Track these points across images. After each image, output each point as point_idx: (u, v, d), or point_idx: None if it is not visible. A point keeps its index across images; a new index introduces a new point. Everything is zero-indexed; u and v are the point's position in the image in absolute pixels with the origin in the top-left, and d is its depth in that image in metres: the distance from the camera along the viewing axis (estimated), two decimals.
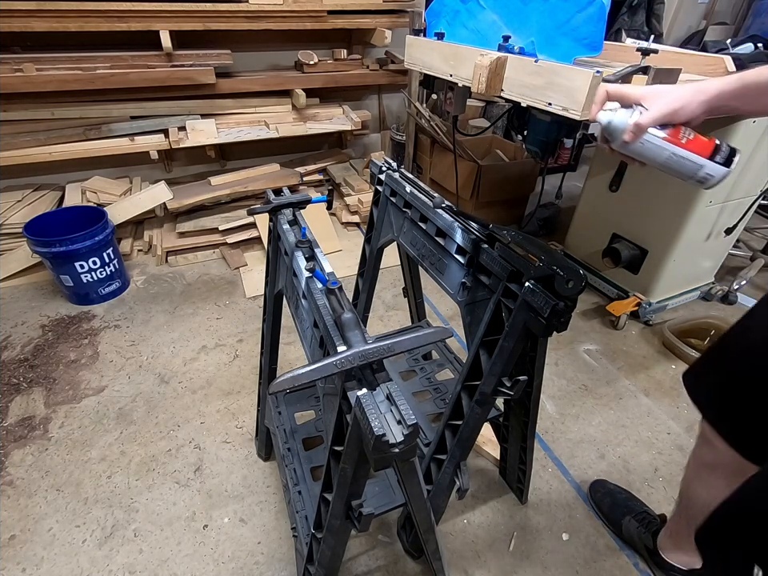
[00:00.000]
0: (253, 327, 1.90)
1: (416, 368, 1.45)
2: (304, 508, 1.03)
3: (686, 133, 0.65)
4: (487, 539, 1.21)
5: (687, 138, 0.65)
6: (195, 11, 1.98)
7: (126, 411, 1.53)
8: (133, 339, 1.83)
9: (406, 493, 0.69)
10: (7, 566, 1.13)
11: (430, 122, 2.46)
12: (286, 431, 1.20)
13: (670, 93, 0.62)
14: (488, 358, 0.80)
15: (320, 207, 2.20)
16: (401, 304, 2.01)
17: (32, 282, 2.13)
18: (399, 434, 0.49)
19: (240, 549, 1.18)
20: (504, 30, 1.42)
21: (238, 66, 2.31)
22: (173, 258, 2.29)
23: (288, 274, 0.87)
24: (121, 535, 1.20)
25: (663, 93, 0.63)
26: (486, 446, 1.41)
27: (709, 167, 0.66)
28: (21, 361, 1.70)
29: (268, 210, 0.94)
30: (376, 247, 1.19)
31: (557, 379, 1.69)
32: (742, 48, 2.05)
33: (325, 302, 0.67)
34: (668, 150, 0.66)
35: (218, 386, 1.63)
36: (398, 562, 1.16)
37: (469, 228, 0.82)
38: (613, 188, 1.92)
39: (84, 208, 2.11)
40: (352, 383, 0.55)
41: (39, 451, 1.40)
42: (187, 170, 2.70)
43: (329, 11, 2.24)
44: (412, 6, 2.42)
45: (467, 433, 0.88)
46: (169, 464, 1.38)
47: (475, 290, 0.82)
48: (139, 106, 2.17)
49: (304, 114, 2.49)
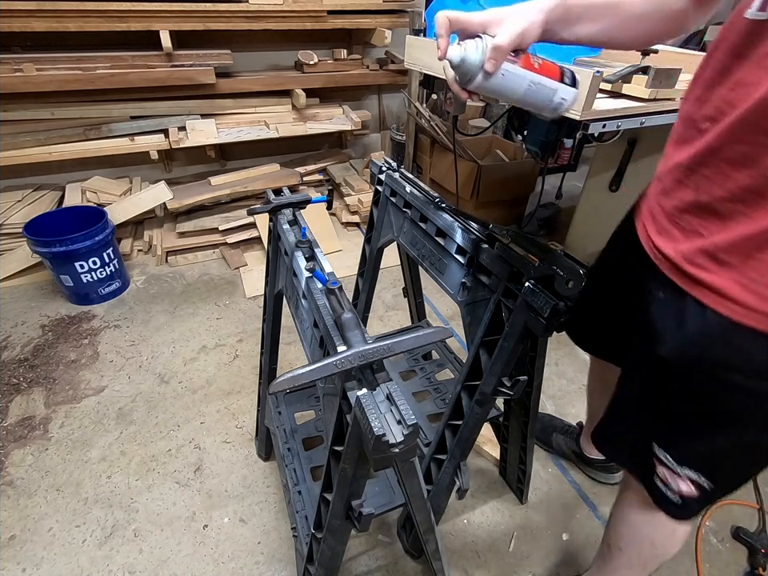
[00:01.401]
0: (253, 327, 1.90)
1: (416, 368, 1.45)
2: (304, 508, 1.03)
3: (533, 57, 0.61)
4: (487, 539, 1.21)
5: (538, 63, 0.61)
6: (195, 11, 1.98)
7: (125, 411, 1.53)
8: (133, 339, 1.83)
9: (406, 493, 0.69)
10: (7, 566, 1.13)
11: (430, 121, 2.46)
12: (286, 431, 1.20)
13: (513, 13, 0.59)
14: (488, 358, 0.80)
15: (320, 207, 2.20)
16: (401, 304, 2.01)
17: (32, 281, 2.13)
18: (399, 434, 0.49)
19: (240, 549, 1.18)
20: None
21: (237, 66, 2.31)
22: (173, 257, 2.29)
23: (288, 274, 0.87)
24: (121, 535, 1.20)
25: (507, 14, 0.59)
26: (486, 446, 1.41)
27: (562, 90, 0.62)
28: (21, 361, 1.70)
29: (268, 210, 0.94)
30: (376, 247, 1.19)
31: (557, 379, 1.69)
32: None
33: (325, 301, 0.67)
34: (527, 78, 0.60)
35: (218, 386, 1.63)
36: (398, 562, 1.16)
37: (469, 228, 0.82)
38: (613, 188, 1.92)
39: (84, 208, 2.11)
40: (352, 383, 0.55)
41: (39, 451, 1.40)
42: (187, 170, 2.70)
43: (329, 11, 2.24)
44: (412, 5, 2.42)
45: (467, 433, 0.88)
46: (169, 464, 1.38)
47: (475, 290, 0.82)
48: (139, 105, 2.17)
49: (304, 113, 2.49)
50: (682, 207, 0.60)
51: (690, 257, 0.59)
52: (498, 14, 0.59)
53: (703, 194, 0.57)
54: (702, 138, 0.56)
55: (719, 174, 0.54)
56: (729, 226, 0.54)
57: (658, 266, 0.65)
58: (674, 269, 0.61)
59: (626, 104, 1.27)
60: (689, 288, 0.59)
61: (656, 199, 0.67)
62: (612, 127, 1.25)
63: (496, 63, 0.57)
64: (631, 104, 1.27)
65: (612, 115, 1.24)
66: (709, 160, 0.55)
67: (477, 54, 0.58)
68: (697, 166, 0.57)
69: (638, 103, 1.27)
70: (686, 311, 0.60)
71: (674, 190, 0.62)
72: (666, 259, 0.63)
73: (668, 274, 0.62)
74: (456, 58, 0.59)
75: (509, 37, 0.56)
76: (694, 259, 0.58)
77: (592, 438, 0.84)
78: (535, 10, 0.59)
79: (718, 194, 0.54)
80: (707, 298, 0.57)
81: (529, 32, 0.58)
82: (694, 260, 0.58)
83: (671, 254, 0.62)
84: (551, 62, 0.62)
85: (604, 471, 1.33)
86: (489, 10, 0.60)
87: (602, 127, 1.23)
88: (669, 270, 0.62)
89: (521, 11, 0.59)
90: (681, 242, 0.60)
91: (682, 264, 0.60)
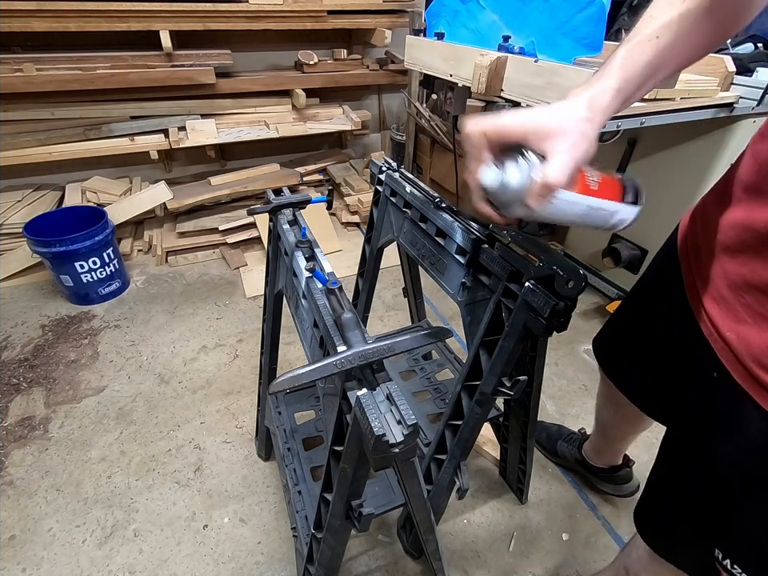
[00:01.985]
0: (253, 327, 1.90)
1: (416, 368, 1.45)
2: (304, 508, 1.03)
3: (590, 175, 0.50)
4: (487, 539, 1.21)
5: (595, 181, 0.49)
6: (195, 11, 1.98)
7: (126, 411, 1.53)
8: (133, 339, 1.83)
9: (406, 493, 0.69)
10: (7, 566, 1.13)
11: (430, 121, 2.46)
12: (286, 431, 1.20)
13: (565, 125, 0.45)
14: (488, 358, 0.80)
15: (320, 207, 2.20)
16: (401, 304, 2.01)
17: (32, 281, 2.13)
18: (399, 434, 0.49)
19: (240, 549, 1.18)
20: (504, 30, 1.42)
21: (238, 66, 2.31)
22: (173, 257, 2.29)
23: (288, 274, 0.87)
24: (121, 535, 1.20)
25: (557, 126, 0.44)
26: (486, 446, 1.41)
27: (622, 212, 0.51)
28: (21, 361, 1.70)
29: (268, 210, 0.94)
30: (376, 247, 1.19)
31: (557, 379, 1.69)
32: (741, 48, 2.05)
33: (325, 301, 0.67)
34: (582, 205, 0.49)
35: (218, 386, 1.63)
36: (398, 562, 1.15)
37: (469, 228, 0.82)
38: None
39: (84, 208, 2.11)
40: (352, 383, 0.55)
41: (39, 451, 1.40)
42: (187, 170, 2.70)
43: (329, 11, 2.24)
44: (412, 5, 2.42)
45: (467, 433, 0.88)
46: (169, 464, 1.38)
47: (475, 290, 0.82)
48: (139, 105, 2.17)
49: (304, 114, 2.48)
50: (755, 283, 0.46)
51: (762, 357, 0.46)
52: (545, 122, 0.45)
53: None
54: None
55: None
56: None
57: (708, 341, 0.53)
58: (736, 362, 0.49)
59: None
60: (754, 393, 0.47)
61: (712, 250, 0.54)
62: (612, 127, 1.25)
63: (542, 201, 0.45)
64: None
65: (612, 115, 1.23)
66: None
67: (520, 181, 0.45)
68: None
69: (638, 103, 1.27)
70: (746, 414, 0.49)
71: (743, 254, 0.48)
72: (724, 342, 0.50)
73: (725, 362, 0.51)
74: (493, 184, 0.47)
75: (564, 171, 0.43)
76: (765, 361, 0.46)
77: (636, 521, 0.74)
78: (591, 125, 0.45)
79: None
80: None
81: (588, 155, 0.45)
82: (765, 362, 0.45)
83: (733, 341, 0.49)
84: (610, 177, 0.51)
85: (609, 482, 1.27)
86: (532, 112, 0.46)
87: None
88: (727, 360, 0.50)
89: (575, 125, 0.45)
90: (747, 326, 0.48)
91: (748, 363, 0.47)
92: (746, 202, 0.48)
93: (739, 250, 0.49)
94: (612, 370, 0.94)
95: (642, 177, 1.79)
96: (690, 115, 1.36)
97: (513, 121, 0.46)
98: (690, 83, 1.33)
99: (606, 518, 1.26)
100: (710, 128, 1.50)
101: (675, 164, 1.67)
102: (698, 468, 0.61)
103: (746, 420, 0.50)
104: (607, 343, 0.95)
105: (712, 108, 1.42)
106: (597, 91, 0.47)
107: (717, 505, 0.58)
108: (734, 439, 0.52)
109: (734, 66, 1.41)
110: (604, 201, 0.50)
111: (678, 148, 1.66)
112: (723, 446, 0.54)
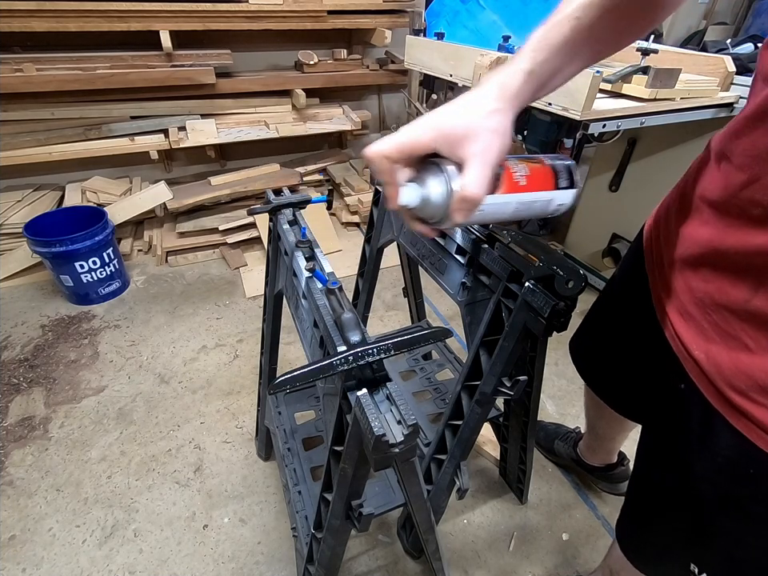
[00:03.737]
0: (253, 327, 1.90)
1: (416, 368, 1.45)
2: (304, 508, 1.03)
3: (516, 170, 0.48)
4: (487, 539, 1.21)
5: (523, 175, 0.48)
6: (195, 11, 1.98)
7: (126, 411, 1.53)
8: (133, 339, 1.83)
9: (406, 493, 0.69)
10: (7, 566, 1.13)
11: None
12: (286, 431, 1.20)
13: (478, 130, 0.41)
14: (488, 358, 0.80)
15: (320, 207, 2.20)
16: (401, 304, 2.01)
17: (32, 281, 2.13)
18: (399, 434, 0.49)
19: (240, 549, 1.18)
20: (504, 30, 1.42)
21: (238, 65, 2.31)
22: (173, 257, 2.29)
23: (288, 273, 0.87)
24: (121, 535, 1.20)
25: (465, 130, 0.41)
26: (486, 446, 1.41)
27: (558, 198, 0.51)
28: (21, 361, 1.70)
29: (268, 210, 0.94)
30: (376, 247, 1.19)
31: (557, 379, 1.69)
32: (742, 48, 2.05)
33: (325, 301, 0.67)
34: (513, 203, 0.48)
35: (217, 386, 1.63)
36: (398, 562, 1.15)
37: (469, 228, 0.82)
38: (613, 188, 1.92)
39: (84, 208, 2.11)
40: (352, 383, 0.55)
41: (39, 451, 1.40)
42: (187, 170, 2.70)
43: (329, 11, 2.24)
44: (412, 5, 2.42)
45: (467, 433, 0.88)
46: (169, 464, 1.38)
47: (475, 290, 0.82)
48: (139, 105, 2.17)
49: (304, 114, 2.48)
50: (722, 302, 0.45)
51: (732, 378, 0.44)
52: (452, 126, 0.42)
53: (762, 302, 0.41)
54: (757, 231, 0.41)
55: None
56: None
57: (677, 355, 0.52)
58: (707, 383, 0.48)
59: (625, 104, 1.27)
60: (727, 413, 0.46)
61: (676, 263, 0.52)
62: (612, 127, 1.25)
63: (466, 215, 0.43)
64: (631, 104, 1.27)
65: (612, 115, 1.24)
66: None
67: (442, 194, 0.43)
68: (749, 263, 0.42)
69: (638, 103, 1.27)
70: (717, 431, 0.48)
71: (709, 271, 0.47)
72: (694, 362, 0.49)
73: (696, 382, 0.49)
74: (414, 202, 0.45)
75: (481, 181, 0.41)
76: (736, 383, 0.44)
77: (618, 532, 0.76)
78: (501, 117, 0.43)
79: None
80: (752, 434, 0.44)
81: (504, 150, 0.43)
82: (737, 385, 0.44)
83: (702, 361, 0.47)
84: (539, 166, 0.50)
85: (605, 480, 1.29)
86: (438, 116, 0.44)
87: (602, 127, 1.23)
88: (699, 380, 0.49)
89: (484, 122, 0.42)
90: (716, 346, 0.46)
91: (719, 384, 0.46)
92: (715, 222, 0.46)
93: (704, 266, 0.47)
94: (585, 370, 0.95)
95: (642, 177, 1.80)
96: (690, 115, 1.36)
97: (420, 132, 0.43)
98: (690, 83, 1.33)
99: (605, 518, 1.26)
100: (710, 128, 1.50)
101: (675, 164, 1.66)
102: (672, 478, 0.59)
103: (717, 437, 0.49)
104: (580, 343, 0.96)
105: (712, 108, 1.42)
106: (507, 75, 0.44)
107: (691, 518, 0.57)
108: (705, 455, 0.51)
109: (734, 66, 1.41)
110: (536, 193, 0.49)
111: (678, 148, 1.66)
112: (695, 459, 0.53)
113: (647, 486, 0.67)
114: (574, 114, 1.18)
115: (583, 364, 0.96)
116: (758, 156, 0.40)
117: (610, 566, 0.88)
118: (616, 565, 0.84)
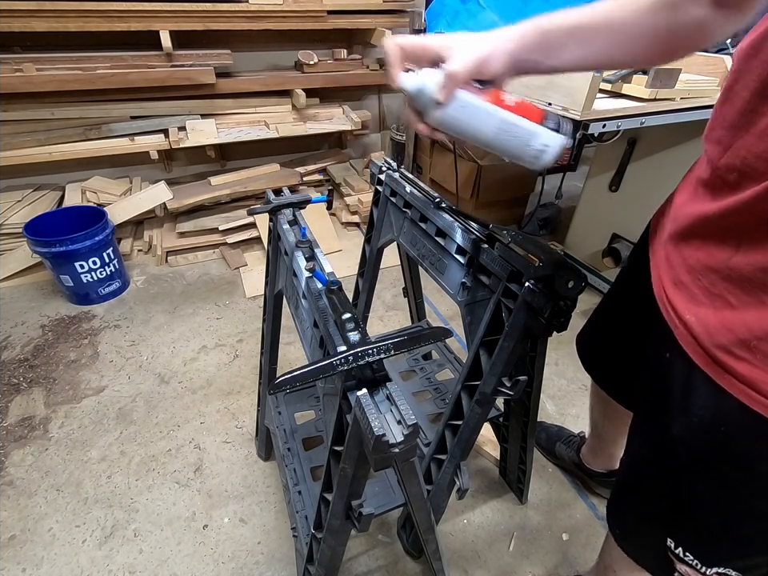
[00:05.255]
0: (253, 327, 1.90)
1: (416, 368, 1.45)
2: (304, 508, 1.03)
3: (506, 95, 0.53)
4: (487, 539, 1.21)
5: (512, 100, 0.52)
6: (195, 11, 1.98)
7: (126, 411, 1.53)
8: (133, 339, 1.83)
9: (406, 493, 0.69)
10: (7, 566, 1.13)
11: None
12: (286, 431, 1.20)
13: (474, 39, 0.51)
14: (488, 358, 0.80)
15: (320, 207, 2.20)
16: (401, 304, 2.01)
17: (32, 281, 2.13)
18: (399, 434, 0.49)
19: (240, 549, 1.18)
20: None
21: (238, 65, 2.31)
22: (173, 257, 2.29)
23: (288, 274, 0.87)
24: (121, 535, 1.20)
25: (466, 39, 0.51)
26: (486, 446, 1.41)
27: (543, 134, 0.52)
28: (21, 361, 1.70)
29: (268, 210, 0.94)
30: (376, 247, 1.19)
31: (557, 379, 1.69)
32: None
33: (325, 301, 0.67)
34: (495, 117, 0.52)
35: (217, 386, 1.63)
36: (398, 562, 1.16)
37: (469, 228, 0.82)
38: (613, 188, 1.92)
39: (84, 208, 2.11)
40: (352, 383, 0.55)
41: (39, 451, 1.40)
42: (187, 170, 2.70)
43: (329, 11, 2.24)
44: (412, 5, 2.42)
45: (467, 433, 0.88)
46: (169, 464, 1.38)
47: (475, 290, 0.82)
48: (139, 105, 2.17)
49: (304, 114, 2.48)
50: (710, 265, 0.49)
51: (717, 335, 0.47)
52: (459, 40, 0.51)
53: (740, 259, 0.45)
54: (734, 194, 0.45)
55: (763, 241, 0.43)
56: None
57: (668, 323, 0.54)
58: (695, 345, 0.50)
59: (625, 104, 1.27)
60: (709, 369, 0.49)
61: (673, 239, 0.56)
62: (612, 127, 1.25)
63: (448, 92, 0.50)
64: (631, 104, 1.27)
65: (612, 115, 1.24)
66: (748, 220, 0.44)
67: (434, 81, 0.50)
68: (728, 223, 0.47)
69: (638, 103, 1.27)
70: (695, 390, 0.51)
71: (697, 239, 0.51)
72: (685, 326, 0.52)
73: (684, 345, 0.52)
74: (412, 88, 0.52)
75: (463, 62, 0.49)
76: (721, 340, 0.47)
77: (606, 512, 0.78)
78: (501, 37, 0.51)
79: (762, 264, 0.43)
80: (733, 388, 0.47)
81: (492, 60, 0.50)
82: (722, 342, 0.47)
83: (692, 323, 0.50)
84: (533, 105, 0.54)
85: (606, 486, 1.27)
86: (449, 36, 0.52)
87: (602, 127, 1.23)
88: (685, 341, 0.52)
89: (483, 37, 0.51)
90: (704, 308, 0.49)
91: (706, 344, 0.48)
92: (703, 196, 0.52)
93: (696, 237, 0.52)
94: (591, 363, 0.98)
95: (642, 177, 1.80)
96: (690, 115, 1.36)
97: (429, 40, 0.53)
98: (690, 83, 1.33)
99: (605, 518, 1.26)
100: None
101: (675, 164, 1.66)
102: (651, 444, 0.62)
103: (694, 395, 0.52)
104: (586, 338, 0.98)
105: (712, 108, 1.42)
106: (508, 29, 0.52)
107: (667, 488, 0.60)
108: (682, 417, 0.54)
109: None
110: (521, 118, 0.52)
111: (678, 148, 1.66)
112: (673, 423, 0.55)
113: (630, 457, 0.70)
114: (574, 113, 1.18)
115: (588, 358, 0.98)
116: (730, 126, 0.47)
117: (604, 562, 0.89)
118: (609, 559, 0.85)
